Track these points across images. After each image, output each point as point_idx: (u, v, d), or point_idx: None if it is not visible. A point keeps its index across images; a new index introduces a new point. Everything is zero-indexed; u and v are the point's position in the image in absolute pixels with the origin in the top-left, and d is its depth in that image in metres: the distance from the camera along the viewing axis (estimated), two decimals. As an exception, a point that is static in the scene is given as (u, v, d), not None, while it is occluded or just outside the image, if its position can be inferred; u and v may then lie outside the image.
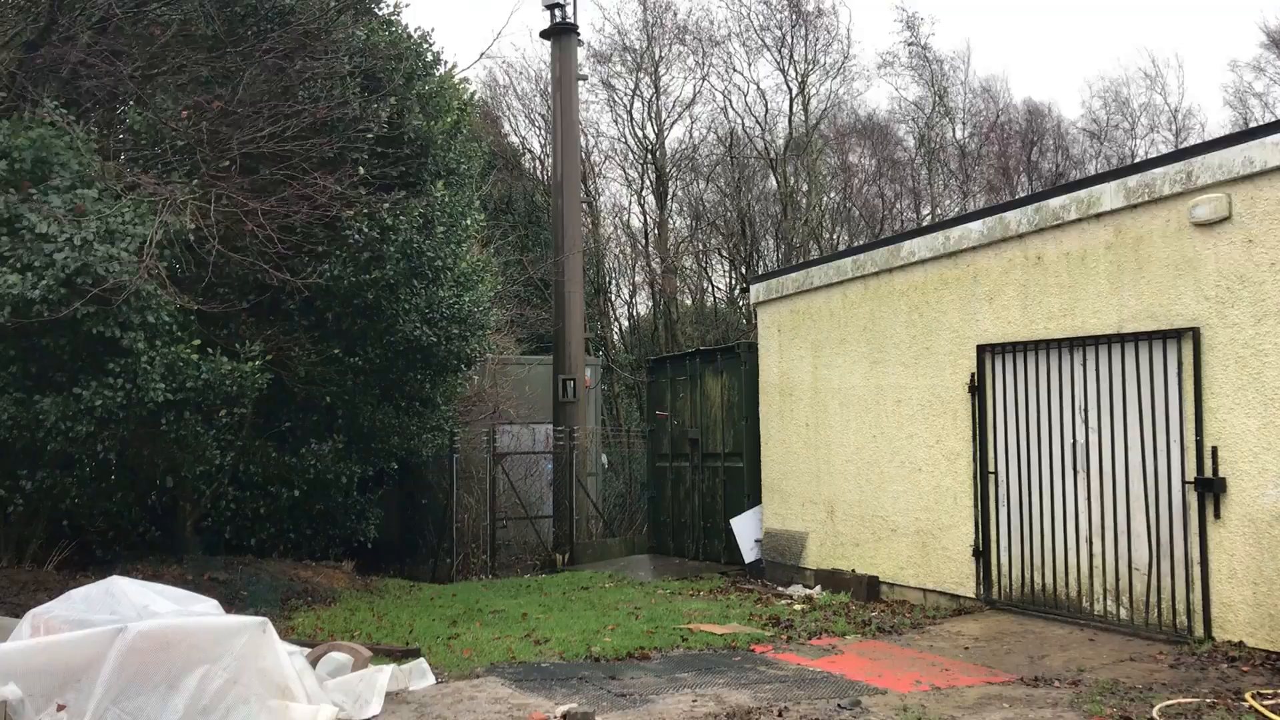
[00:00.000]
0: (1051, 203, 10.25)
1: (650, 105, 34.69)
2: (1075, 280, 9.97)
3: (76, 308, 9.70)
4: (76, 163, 10.64)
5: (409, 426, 14.89)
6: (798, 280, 13.65)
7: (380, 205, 12.94)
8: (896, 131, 37.33)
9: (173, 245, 10.66)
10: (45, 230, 9.81)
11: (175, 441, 11.72)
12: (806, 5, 34.06)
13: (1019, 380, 10.57)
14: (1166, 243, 9.16)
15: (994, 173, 37.05)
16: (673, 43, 34.82)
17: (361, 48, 13.32)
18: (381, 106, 12.98)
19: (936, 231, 11.65)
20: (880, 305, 12.25)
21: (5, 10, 12.33)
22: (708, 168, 35.48)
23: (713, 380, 15.62)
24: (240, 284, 12.55)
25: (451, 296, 14.68)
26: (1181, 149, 9.70)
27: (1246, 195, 8.56)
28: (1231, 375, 8.62)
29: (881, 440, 12.13)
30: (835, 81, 34.70)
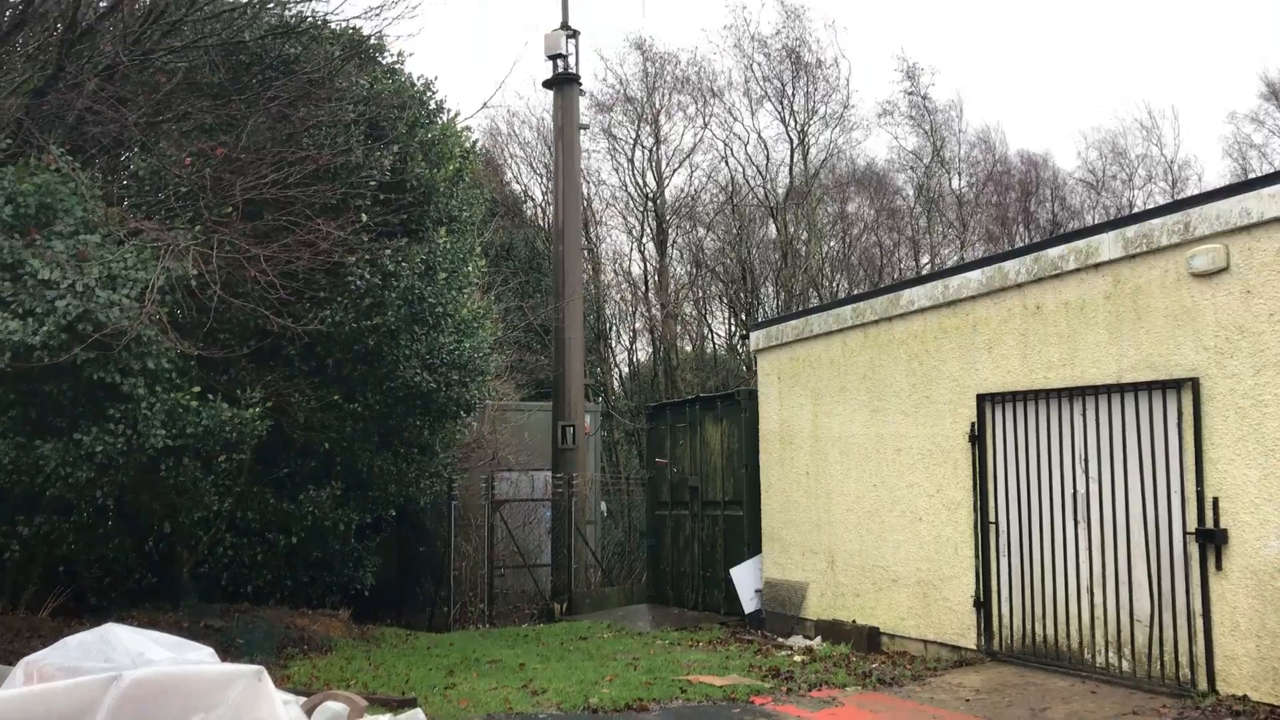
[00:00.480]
0: (1050, 252, 10.30)
1: (651, 154, 34.96)
2: (1074, 330, 9.99)
3: (77, 353, 9.71)
4: (80, 208, 10.70)
5: (407, 473, 14.84)
6: (797, 328, 13.68)
7: (382, 251, 13.00)
8: (895, 180, 37.60)
9: (174, 291, 10.69)
10: (48, 276, 9.84)
11: (174, 487, 11.68)
12: (806, 57, 34.43)
13: (1019, 430, 10.56)
14: (1165, 293, 9.19)
15: (992, 222, 37.26)
16: (673, 93, 35.17)
17: (365, 96, 13.45)
18: (385, 154, 13.08)
19: (935, 280, 11.69)
20: (880, 353, 12.27)
21: (13, 58, 12.46)
22: (708, 216, 35.69)
23: (713, 427, 15.60)
24: (241, 330, 12.57)
25: (452, 342, 14.70)
26: (1179, 200, 9.76)
27: (1244, 246, 8.60)
28: (1231, 426, 8.61)
29: (882, 489, 12.09)
30: (835, 131, 34.97)
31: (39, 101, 11.85)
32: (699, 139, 35.21)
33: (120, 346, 10.02)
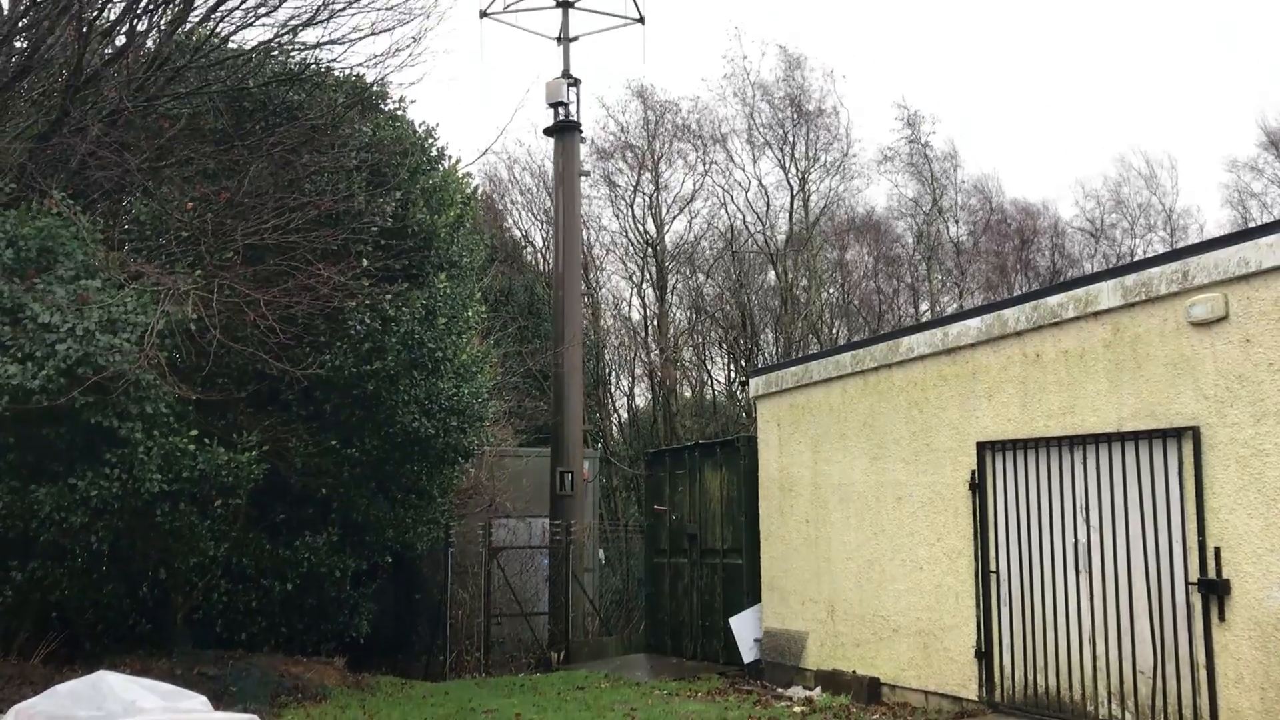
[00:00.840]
0: (1049, 300, 10.30)
1: (651, 200, 35.14)
2: (1074, 378, 9.98)
3: (75, 396, 9.69)
4: (81, 252, 10.73)
5: (404, 519, 14.76)
6: (797, 375, 13.67)
7: (383, 296, 13.02)
8: (894, 228, 37.77)
9: (174, 335, 10.70)
10: (48, 320, 9.85)
11: (169, 533, 11.61)
12: (808, 105, 34.71)
13: (1020, 478, 10.51)
14: (1164, 341, 9.19)
15: (991, 270, 37.37)
16: (674, 140, 35.42)
17: (368, 143, 13.55)
18: (387, 200, 13.14)
19: (935, 328, 11.70)
20: (880, 401, 12.24)
21: (19, 103, 12.56)
22: (708, 262, 35.81)
23: (712, 474, 15.53)
24: (239, 374, 12.56)
25: (451, 388, 14.68)
26: (1178, 249, 9.79)
27: (1243, 295, 8.61)
28: (1232, 475, 8.57)
29: (882, 538, 12.01)
30: (835, 179, 35.21)
31: (43, 146, 11.93)
32: (699, 186, 35.44)
33: (119, 390, 10.01)
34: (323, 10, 12.73)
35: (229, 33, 13.02)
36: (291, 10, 12.91)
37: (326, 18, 12.83)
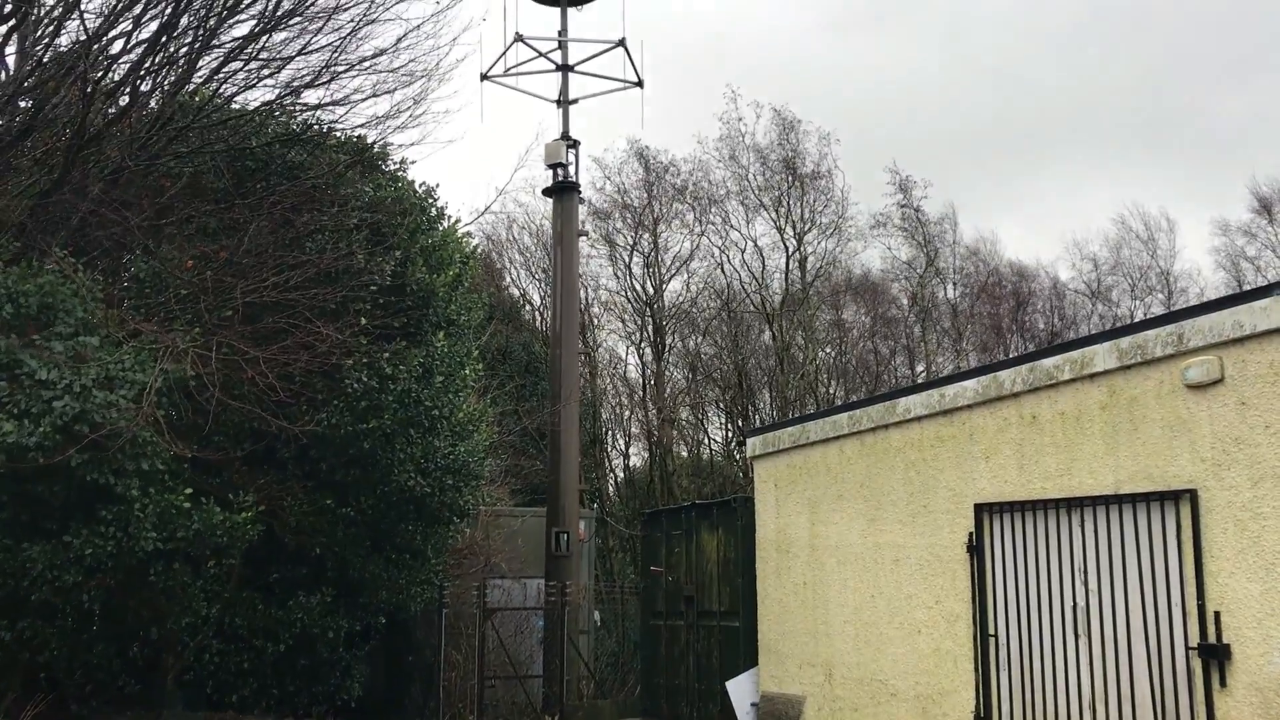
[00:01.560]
0: (1045, 362, 10.33)
1: (649, 260, 35.35)
2: (1071, 440, 9.97)
3: (71, 454, 9.66)
4: (81, 309, 10.75)
5: (399, 579, 14.64)
6: (794, 435, 13.65)
7: (381, 355, 13.04)
8: (890, 289, 37.96)
9: (172, 392, 10.70)
10: (45, 376, 9.84)
11: (162, 592, 11.51)
12: (803, 168, 35.05)
13: (1017, 540, 10.47)
14: (1160, 404, 9.20)
15: (986, 331, 37.51)
16: (672, 201, 35.71)
17: (368, 202, 13.65)
18: (386, 259, 13.21)
19: (931, 389, 11.71)
20: (877, 462, 12.22)
21: (21, 162, 12.66)
22: (705, 321, 35.93)
23: (709, 535, 15.45)
24: (236, 432, 12.53)
25: (447, 446, 14.64)
26: (1172, 311, 9.84)
27: (1238, 358, 8.63)
28: (1231, 539, 8.54)
29: (880, 600, 11.93)
30: (831, 241, 35.46)
31: (44, 204, 12.01)
32: (697, 246, 35.68)
33: (116, 448, 9.98)
34: (325, 72, 12.91)
35: (232, 93, 13.18)
36: (294, 72, 13.04)
37: (329, 79, 13.01)
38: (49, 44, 12.45)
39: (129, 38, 12.02)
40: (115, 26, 11.83)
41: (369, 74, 13.18)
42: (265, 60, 12.81)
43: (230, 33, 12.41)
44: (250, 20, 12.29)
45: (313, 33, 12.61)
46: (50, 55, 12.40)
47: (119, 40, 12.07)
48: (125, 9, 11.70)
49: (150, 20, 11.86)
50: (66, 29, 12.29)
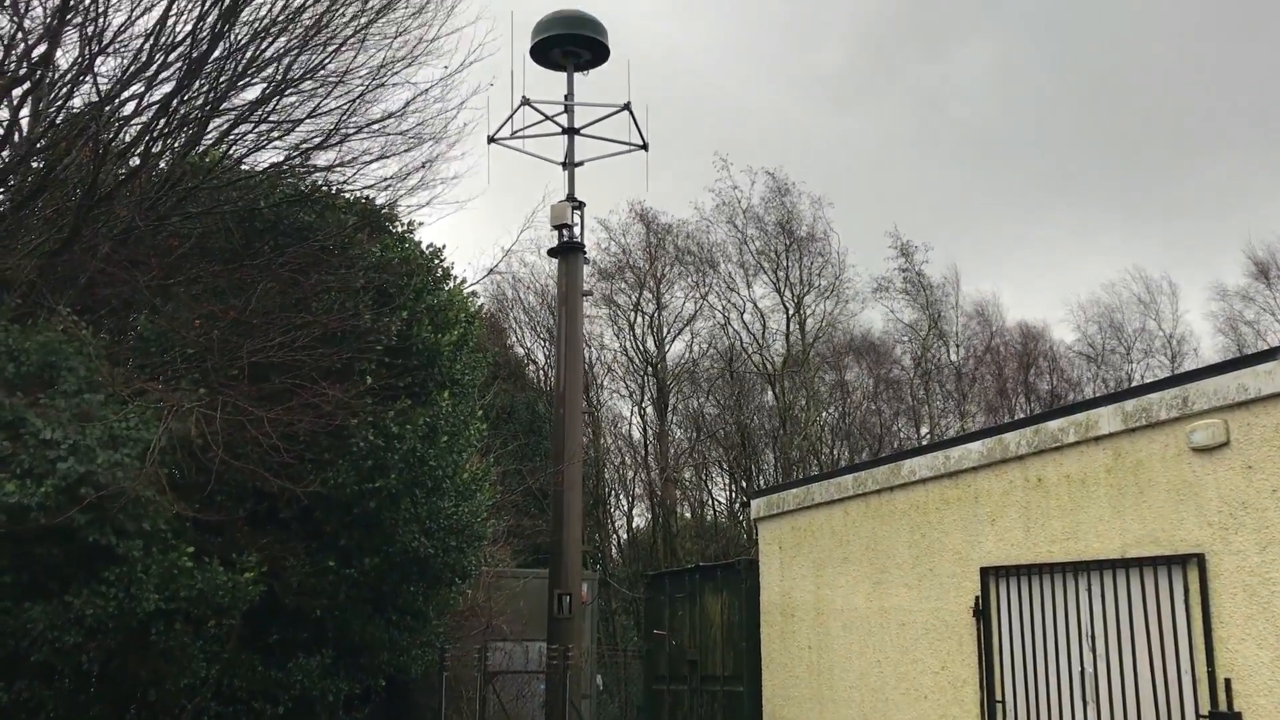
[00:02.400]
0: (1050, 425, 10.32)
1: (652, 320, 35.49)
2: (1077, 503, 9.93)
3: (73, 514, 9.62)
4: (84, 368, 10.77)
5: (400, 641, 14.50)
6: (798, 496, 13.60)
7: (385, 414, 13.03)
8: (893, 351, 38.03)
9: (175, 451, 10.68)
10: (49, 436, 9.83)
11: (162, 653, 11.39)
12: (799, 230, 35.31)
13: (1024, 605, 10.38)
14: (1166, 467, 9.17)
15: (991, 393, 37.50)
16: (674, 263, 35.93)
17: (375, 263, 13.72)
18: (393, 320, 13.25)
19: (936, 451, 11.69)
20: (882, 524, 12.16)
21: (32, 221, 12.76)
22: (708, 381, 35.97)
23: (712, 598, 15.33)
24: (238, 491, 12.48)
25: (451, 507, 14.58)
26: (1176, 375, 9.86)
27: (1243, 421, 8.63)
28: (1240, 604, 8.47)
29: (886, 665, 11.80)
30: (830, 302, 35.64)
31: (52, 263, 12.08)
32: (699, 307, 35.85)
33: (118, 508, 9.94)
34: (334, 134, 13.04)
35: (242, 154, 13.31)
36: (304, 134, 13.18)
37: (338, 142, 13.13)
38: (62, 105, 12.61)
39: (141, 100, 12.17)
40: (128, 89, 11.98)
41: (378, 136, 13.32)
42: (275, 123, 12.96)
43: (241, 96, 12.58)
44: (261, 84, 12.46)
45: (322, 96, 12.77)
46: (63, 116, 12.55)
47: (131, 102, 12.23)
48: (138, 72, 11.85)
49: (163, 83, 12.02)
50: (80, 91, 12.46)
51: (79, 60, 11.77)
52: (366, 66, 12.82)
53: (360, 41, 12.66)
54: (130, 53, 11.80)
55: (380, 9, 12.61)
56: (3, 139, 12.34)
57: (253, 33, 11.93)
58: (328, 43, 12.41)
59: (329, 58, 12.54)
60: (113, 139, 12.20)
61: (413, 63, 13.04)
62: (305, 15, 12.07)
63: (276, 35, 12.04)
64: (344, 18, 12.40)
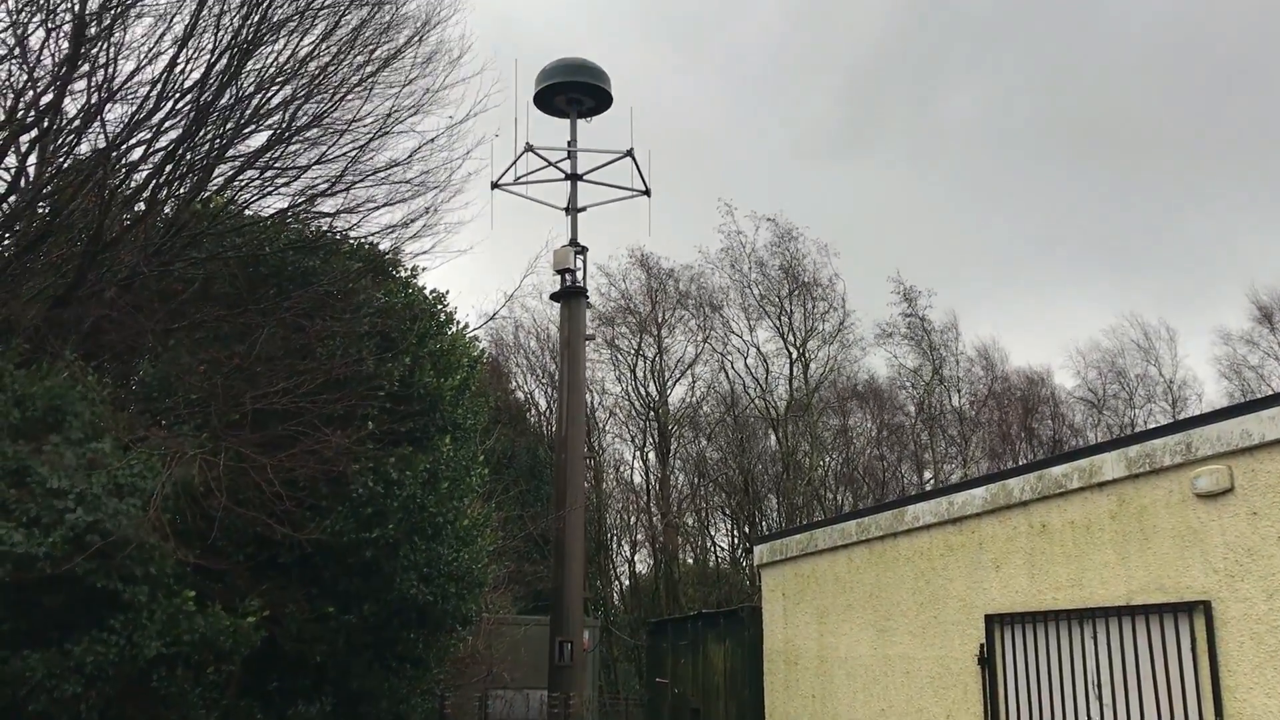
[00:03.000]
0: (1053, 471, 10.29)
1: (653, 365, 35.54)
2: (1081, 550, 9.88)
3: (78, 562, 9.56)
4: (89, 413, 10.76)
5: (399, 689, 14.37)
6: (801, 543, 13.54)
7: (387, 460, 13.01)
8: (896, 397, 38.03)
9: (178, 497, 10.65)
10: (56, 485, 9.80)
11: (162, 699, 11.28)
12: (803, 276, 35.45)
13: (1029, 652, 10.29)
14: (1171, 513, 9.14)
15: (994, 439, 37.45)
16: (675, 307, 36.04)
17: (379, 309, 13.75)
18: (396, 365, 13.26)
19: (940, 496, 11.65)
20: (886, 571, 12.09)
21: (37, 266, 12.81)
22: (709, 426, 35.95)
23: (715, 645, 15.22)
24: (240, 537, 12.43)
25: (451, 553, 14.50)
26: (1180, 420, 9.84)
27: (1247, 468, 8.60)
28: (1248, 652, 8.40)
29: (891, 714, 11.68)
30: (833, 347, 35.70)
31: (57, 308, 12.12)
32: (700, 351, 35.92)
33: (123, 555, 9.90)
34: (340, 181, 13.13)
35: (248, 200, 13.40)
36: (309, 181, 13.27)
37: (343, 189, 13.23)
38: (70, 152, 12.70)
39: (148, 146, 12.27)
40: (135, 135, 12.08)
41: (383, 184, 13.41)
42: (281, 169, 13.06)
43: (247, 143, 12.68)
44: (267, 131, 12.56)
45: (328, 144, 12.88)
46: (70, 162, 12.64)
47: (138, 148, 12.32)
48: (145, 119, 11.96)
49: (169, 130, 12.12)
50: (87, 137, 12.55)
51: (87, 107, 11.87)
52: (373, 115, 12.94)
53: (367, 91, 12.79)
54: (138, 100, 11.91)
55: (387, 59, 12.75)
56: (10, 185, 12.42)
57: (259, 81, 12.06)
58: (334, 91, 12.54)
59: (335, 106, 12.67)
60: (119, 185, 12.28)
61: (419, 111, 13.17)
62: (312, 64, 12.21)
63: (283, 84, 12.17)
64: (350, 67, 12.54)
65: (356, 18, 12.39)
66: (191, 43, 11.51)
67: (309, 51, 12.17)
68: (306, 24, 12.05)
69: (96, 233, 11.70)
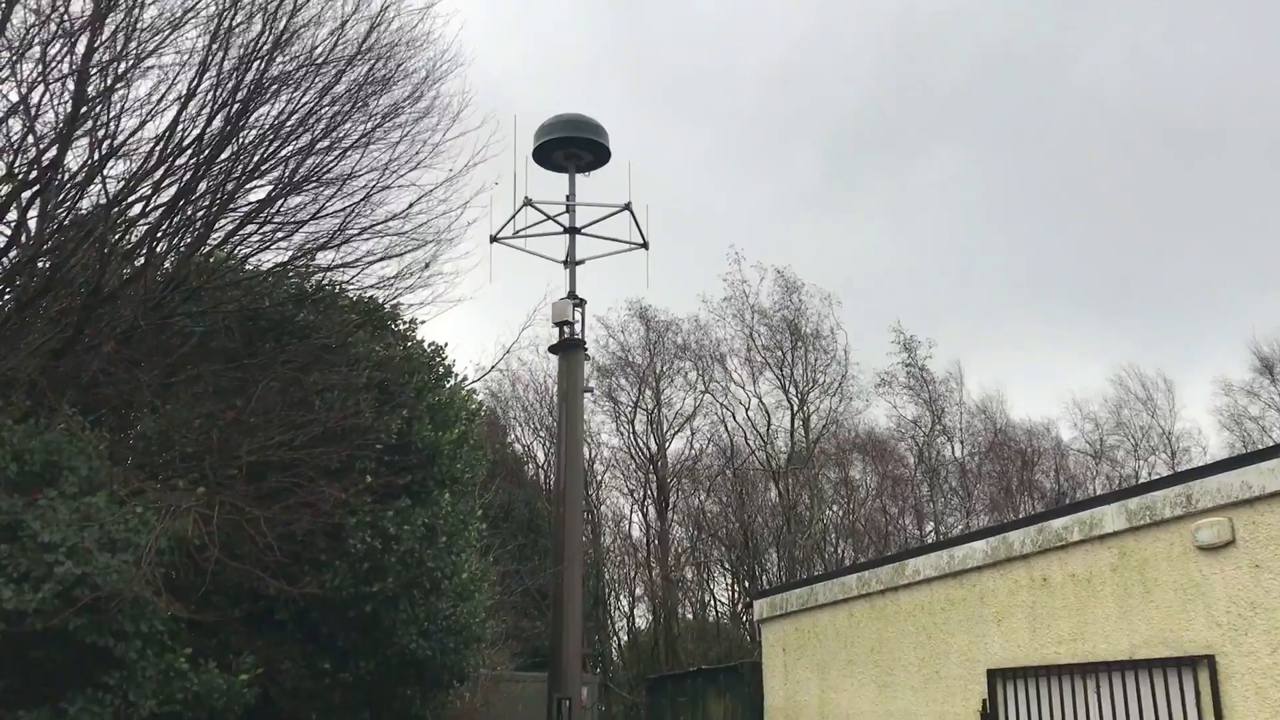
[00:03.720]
0: (1054, 523, 10.23)
1: (652, 417, 35.46)
2: (1083, 603, 9.80)
3: (68, 616, 9.47)
4: (86, 467, 10.71)
5: (396, 748, 14.18)
6: (802, 597, 13.43)
7: (384, 514, 12.94)
8: (897, 448, 37.92)
9: (173, 552, 10.57)
10: (48, 539, 9.73)
11: (154, 759, 11.13)
12: (806, 328, 35.50)
13: (1032, 707, 10.17)
14: (1172, 566, 9.07)
15: (995, 491, 37.30)
16: (675, 359, 36.05)
17: (377, 361, 13.74)
18: (393, 418, 13.23)
19: (941, 550, 11.57)
20: (887, 625, 11.98)
21: (35, 320, 12.83)
22: (709, 479, 35.81)
23: (715, 702, 15.05)
24: (235, 592, 12.32)
25: (449, 607, 14.37)
26: (1180, 472, 9.81)
27: (1248, 520, 8.55)
28: (1253, 707, 8.30)
29: (892, 770, 11.53)
30: (834, 399, 35.64)
31: (56, 362, 12.11)
32: (699, 403, 35.86)
33: (115, 609, 9.80)
34: (338, 235, 13.18)
35: (247, 254, 13.44)
36: (308, 235, 13.32)
37: (341, 242, 13.28)
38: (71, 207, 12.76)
39: (148, 201, 12.33)
40: (135, 191, 12.15)
41: (381, 236, 13.47)
42: (280, 223, 13.12)
43: (247, 197, 12.75)
44: (268, 185, 12.64)
45: (328, 197, 12.95)
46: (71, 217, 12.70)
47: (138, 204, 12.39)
48: (147, 175, 12.03)
49: (170, 185, 12.19)
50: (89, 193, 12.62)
51: (88, 163, 11.95)
52: (372, 169, 13.03)
53: (366, 145, 12.89)
54: (140, 156, 12.00)
55: (386, 115, 12.86)
56: (10, 240, 12.47)
57: (260, 136, 12.15)
58: (334, 146, 12.63)
59: (335, 161, 12.76)
60: (119, 240, 12.33)
61: (417, 165, 13.25)
62: (312, 119, 12.31)
63: (284, 139, 12.26)
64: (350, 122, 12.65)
65: (357, 73, 12.52)
66: (193, 101, 11.63)
67: (310, 107, 12.28)
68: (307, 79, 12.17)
69: (96, 288, 11.72)
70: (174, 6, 11.61)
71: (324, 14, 12.09)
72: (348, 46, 12.29)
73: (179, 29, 11.61)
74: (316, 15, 12.04)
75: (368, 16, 12.37)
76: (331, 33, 12.15)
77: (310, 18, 12.00)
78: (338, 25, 12.16)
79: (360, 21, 12.34)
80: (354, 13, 12.25)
